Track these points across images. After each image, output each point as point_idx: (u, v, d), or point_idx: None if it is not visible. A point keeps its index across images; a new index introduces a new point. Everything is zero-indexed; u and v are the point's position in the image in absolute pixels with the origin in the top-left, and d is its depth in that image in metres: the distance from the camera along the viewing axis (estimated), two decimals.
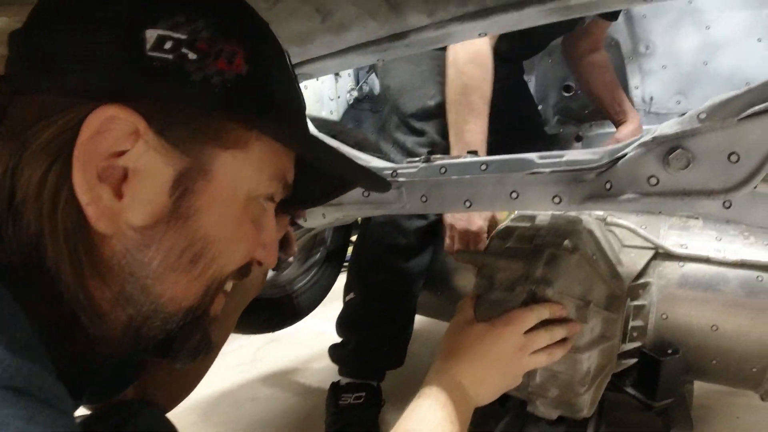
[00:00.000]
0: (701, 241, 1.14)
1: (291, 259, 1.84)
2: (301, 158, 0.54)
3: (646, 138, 0.63)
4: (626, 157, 0.63)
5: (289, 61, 0.53)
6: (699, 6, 1.61)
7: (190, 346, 0.50)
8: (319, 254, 1.89)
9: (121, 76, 0.41)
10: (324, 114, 1.52)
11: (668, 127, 0.62)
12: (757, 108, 0.58)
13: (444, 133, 1.29)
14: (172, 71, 0.41)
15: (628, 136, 1.54)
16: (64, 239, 0.41)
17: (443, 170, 0.82)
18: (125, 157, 0.41)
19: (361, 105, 1.66)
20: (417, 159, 0.88)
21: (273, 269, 1.73)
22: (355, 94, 1.63)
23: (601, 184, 0.66)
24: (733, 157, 0.60)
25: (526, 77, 1.84)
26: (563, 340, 0.82)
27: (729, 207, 0.63)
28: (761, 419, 1.55)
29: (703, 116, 0.61)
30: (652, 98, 1.77)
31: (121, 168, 0.41)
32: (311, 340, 2.41)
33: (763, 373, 1.07)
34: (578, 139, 1.83)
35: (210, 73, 0.42)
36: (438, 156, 0.86)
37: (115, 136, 0.40)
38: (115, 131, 0.40)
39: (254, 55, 0.46)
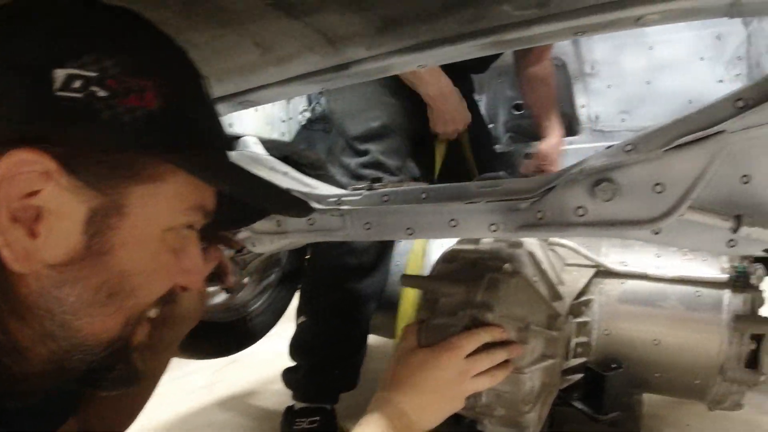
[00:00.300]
0: (641, 258, 1.18)
1: (246, 280, 1.81)
2: None
3: (575, 170, 0.65)
4: (556, 188, 0.66)
5: (207, 90, 0.53)
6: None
7: (113, 376, 0.50)
8: (273, 275, 1.87)
9: (31, 118, 0.41)
10: (275, 135, 1.51)
11: (596, 159, 0.65)
12: (682, 140, 0.61)
13: (388, 152, 1.32)
14: (81, 110, 0.41)
15: (545, 150, 1.62)
16: None
17: (386, 198, 0.84)
18: (38, 197, 0.41)
19: (314, 126, 1.67)
20: (361, 186, 0.89)
21: (226, 292, 1.71)
22: (308, 115, 1.63)
23: (534, 214, 0.68)
24: (658, 188, 0.63)
25: (477, 97, 1.88)
26: (505, 362, 0.83)
27: (658, 233, 0.66)
28: (711, 426, 1.61)
29: (629, 148, 0.63)
30: (597, 117, 1.83)
31: (34, 207, 0.41)
32: (270, 362, 2.38)
33: (706, 384, 1.10)
34: (528, 156, 1.87)
35: (120, 110, 0.43)
36: (381, 183, 0.88)
37: (25, 179, 0.40)
38: (25, 174, 0.40)
39: (166, 90, 0.46)
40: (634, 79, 1.75)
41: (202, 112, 0.52)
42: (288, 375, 1.43)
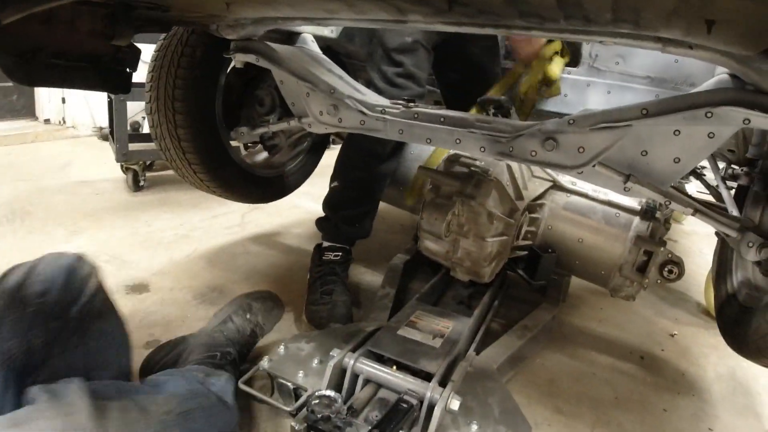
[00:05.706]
0: (586, 183, 1.60)
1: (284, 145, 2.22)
2: None
3: (536, 127, 1.05)
4: (523, 135, 1.07)
5: None
6: None
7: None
8: (306, 143, 2.28)
9: None
10: (326, 33, 1.82)
11: (550, 124, 1.04)
12: (602, 125, 1.00)
13: (417, 65, 1.65)
14: None
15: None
16: None
17: (416, 115, 1.22)
18: None
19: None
20: (400, 103, 1.27)
21: (268, 153, 2.12)
22: None
23: (508, 147, 1.10)
24: (581, 150, 1.03)
25: None
26: None
27: (581, 173, 1.07)
28: (617, 314, 2.14)
29: (571, 122, 1.02)
30: (597, 55, 2.14)
31: None
32: (288, 211, 2.89)
33: (608, 276, 1.60)
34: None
35: None
36: (414, 104, 1.26)
37: None
38: None
39: None
40: None
41: None
42: (321, 222, 1.90)
